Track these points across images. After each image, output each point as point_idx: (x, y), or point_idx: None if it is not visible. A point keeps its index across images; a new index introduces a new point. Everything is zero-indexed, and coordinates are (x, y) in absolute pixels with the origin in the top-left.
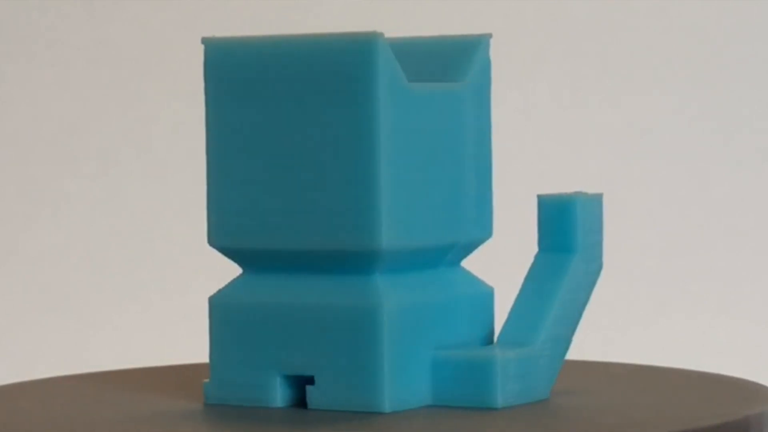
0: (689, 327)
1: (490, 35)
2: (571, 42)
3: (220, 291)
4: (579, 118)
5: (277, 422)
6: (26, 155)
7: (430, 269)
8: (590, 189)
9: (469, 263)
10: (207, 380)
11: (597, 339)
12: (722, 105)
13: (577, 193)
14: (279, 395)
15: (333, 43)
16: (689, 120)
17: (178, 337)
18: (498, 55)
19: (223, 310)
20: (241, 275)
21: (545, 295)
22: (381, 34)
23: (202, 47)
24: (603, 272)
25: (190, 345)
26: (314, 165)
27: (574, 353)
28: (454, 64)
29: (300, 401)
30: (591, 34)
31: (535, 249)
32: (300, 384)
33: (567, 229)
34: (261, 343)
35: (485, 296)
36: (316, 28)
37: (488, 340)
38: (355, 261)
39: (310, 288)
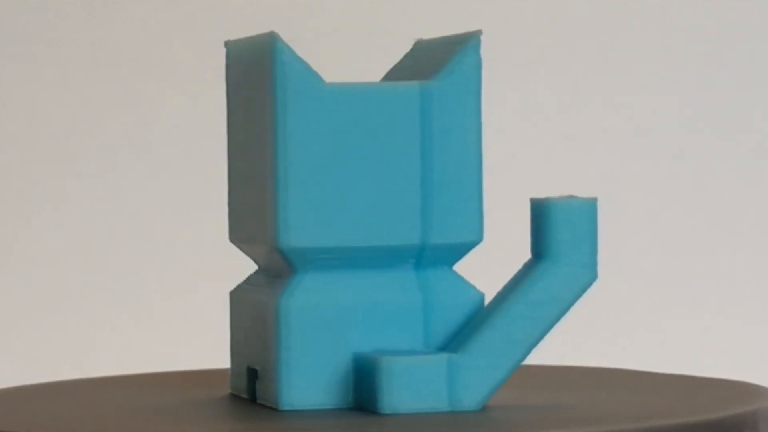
0: (688, 328)
1: (479, 33)
2: (570, 42)
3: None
4: (579, 118)
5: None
6: (26, 155)
7: (395, 271)
8: (589, 189)
9: (470, 267)
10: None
11: (597, 339)
12: (722, 105)
13: (565, 197)
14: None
15: (248, 46)
16: (689, 120)
17: (179, 337)
18: (498, 55)
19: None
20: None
21: (499, 302)
22: (276, 36)
23: (202, 47)
24: (601, 273)
25: (191, 345)
26: (249, 163)
27: (574, 358)
28: (440, 64)
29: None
30: (591, 34)
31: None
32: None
33: (543, 234)
34: None
35: (472, 301)
36: (316, 28)
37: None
38: (284, 259)
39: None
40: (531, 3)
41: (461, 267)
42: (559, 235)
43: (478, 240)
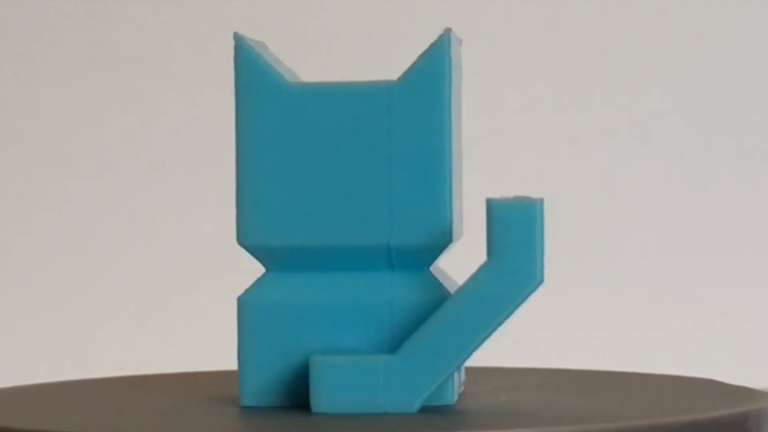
0: (688, 328)
1: (448, 31)
2: (570, 42)
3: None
4: (579, 118)
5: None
6: (26, 155)
7: (365, 272)
8: (589, 189)
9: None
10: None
11: (596, 340)
12: (722, 105)
13: (511, 198)
14: None
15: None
16: (689, 120)
17: (179, 336)
18: (498, 55)
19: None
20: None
21: (442, 303)
22: (239, 37)
23: (202, 47)
24: (601, 273)
25: (191, 345)
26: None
27: (574, 358)
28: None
29: None
30: (591, 34)
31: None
32: None
33: (487, 235)
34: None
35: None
36: (316, 28)
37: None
38: (257, 258)
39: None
40: (531, 3)
41: (460, 267)
42: (498, 235)
43: (446, 241)
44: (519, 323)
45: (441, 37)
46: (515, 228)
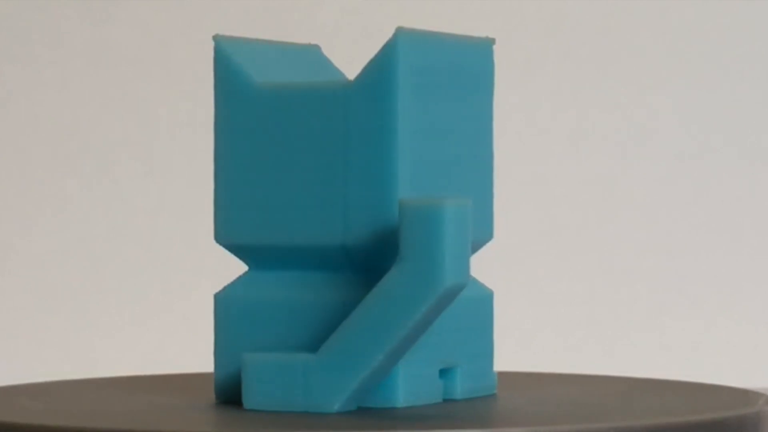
0: (688, 328)
1: (399, 31)
2: (570, 42)
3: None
4: (578, 118)
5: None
6: (26, 155)
7: (327, 271)
8: (589, 189)
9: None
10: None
11: (596, 340)
12: (722, 105)
13: (424, 199)
14: None
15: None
16: (689, 120)
17: (180, 336)
18: (499, 55)
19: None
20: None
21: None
22: (219, 38)
23: (202, 47)
24: (601, 273)
25: (192, 345)
26: None
27: (573, 359)
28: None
29: None
30: (591, 34)
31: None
32: None
33: (399, 236)
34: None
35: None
36: (317, 28)
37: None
38: (236, 256)
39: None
40: (531, 3)
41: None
42: (406, 236)
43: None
44: (518, 323)
45: (392, 37)
46: (421, 229)
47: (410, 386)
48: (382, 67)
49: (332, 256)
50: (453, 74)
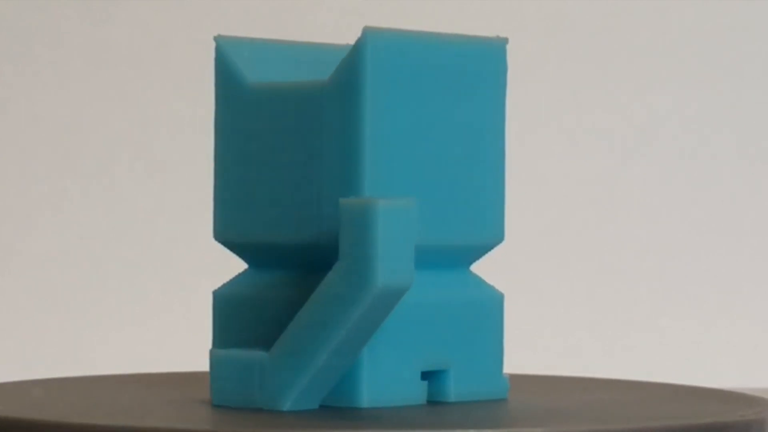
0: (688, 329)
1: (366, 31)
2: (571, 42)
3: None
4: (578, 118)
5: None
6: (26, 155)
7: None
8: (589, 189)
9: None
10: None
11: (595, 341)
12: (723, 105)
13: (362, 198)
14: None
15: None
16: (689, 120)
17: (179, 335)
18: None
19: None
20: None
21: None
22: (219, 39)
23: (202, 47)
24: (601, 273)
25: (192, 343)
26: None
27: (573, 359)
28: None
29: None
30: (591, 34)
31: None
32: None
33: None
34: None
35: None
36: (317, 28)
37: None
38: (235, 254)
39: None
40: (531, 3)
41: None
42: (343, 236)
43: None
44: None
45: (360, 37)
46: (355, 229)
47: (379, 387)
48: (349, 67)
49: (328, 254)
50: (446, 74)
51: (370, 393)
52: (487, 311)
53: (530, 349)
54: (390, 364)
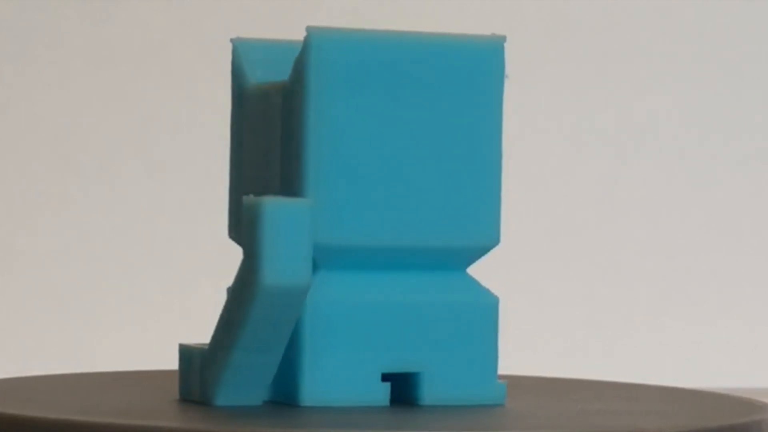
0: (687, 329)
1: (309, 30)
2: (571, 42)
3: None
4: (578, 118)
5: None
6: (26, 155)
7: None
8: (589, 189)
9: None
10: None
11: (595, 341)
12: (722, 105)
13: (259, 198)
14: None
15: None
16: (689, 120)
17: (180, 336)
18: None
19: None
20: None
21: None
22: (236, 39)
23: (202, 47)
24: (601, 273)
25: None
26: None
27: (574, 359)
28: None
29: None
30: (591, 34)
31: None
32: None
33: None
34: None
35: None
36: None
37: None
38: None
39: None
40: (531, 3)
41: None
42: (244, 233)
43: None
44: (514, 323)
45: (305, 37)
46: (247, 227)
47: (326, 385)
48: (296, 67)
49: None
50: (427, 74)
51: (312, 391)
52: (477, 315)
53: (529, 350)
54: (341, 363)
